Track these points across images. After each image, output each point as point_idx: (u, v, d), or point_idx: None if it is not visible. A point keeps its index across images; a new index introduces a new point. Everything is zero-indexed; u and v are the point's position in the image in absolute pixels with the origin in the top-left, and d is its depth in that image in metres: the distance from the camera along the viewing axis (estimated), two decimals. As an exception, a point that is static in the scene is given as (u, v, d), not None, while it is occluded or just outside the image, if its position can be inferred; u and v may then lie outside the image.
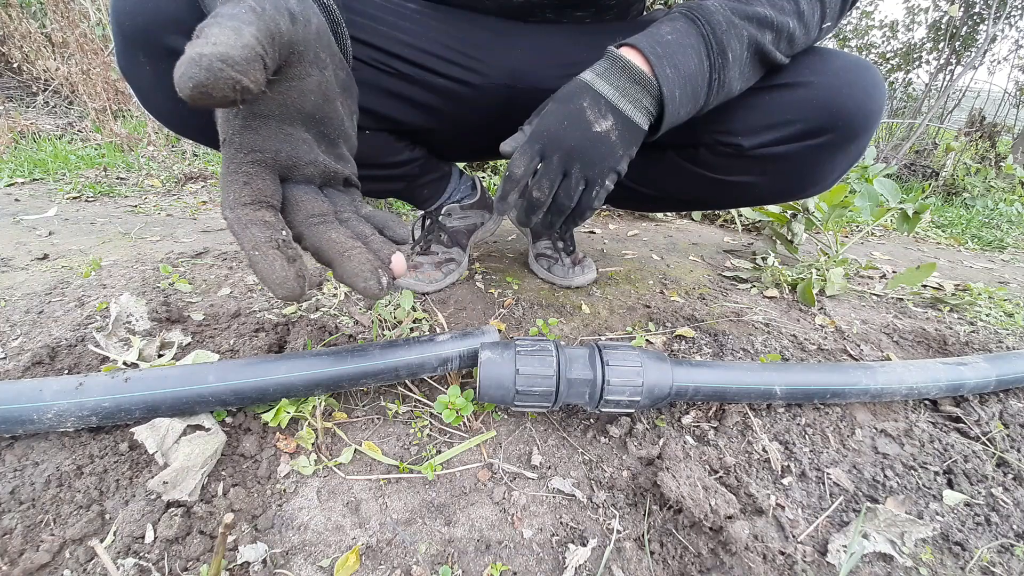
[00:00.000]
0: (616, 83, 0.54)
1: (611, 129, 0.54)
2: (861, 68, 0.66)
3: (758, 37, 0.57)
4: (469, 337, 0.66)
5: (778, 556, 0.51)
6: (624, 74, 0.54)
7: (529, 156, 0.55)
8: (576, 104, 0.54)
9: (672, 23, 0.56)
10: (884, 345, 0.93)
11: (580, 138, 0.53)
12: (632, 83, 0.54)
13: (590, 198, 0.56)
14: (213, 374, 0.56)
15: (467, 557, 0.51)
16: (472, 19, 0.74)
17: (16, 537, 0.47)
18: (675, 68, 0.54)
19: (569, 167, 0.54)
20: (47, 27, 2.54)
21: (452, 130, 0.82)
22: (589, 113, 0.53)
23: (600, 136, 0.53)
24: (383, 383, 0.63)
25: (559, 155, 0.54)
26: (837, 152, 0.69)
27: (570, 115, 0.54)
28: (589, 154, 0.54)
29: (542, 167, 0.55)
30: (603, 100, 0.54)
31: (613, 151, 0.54)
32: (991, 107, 4.06)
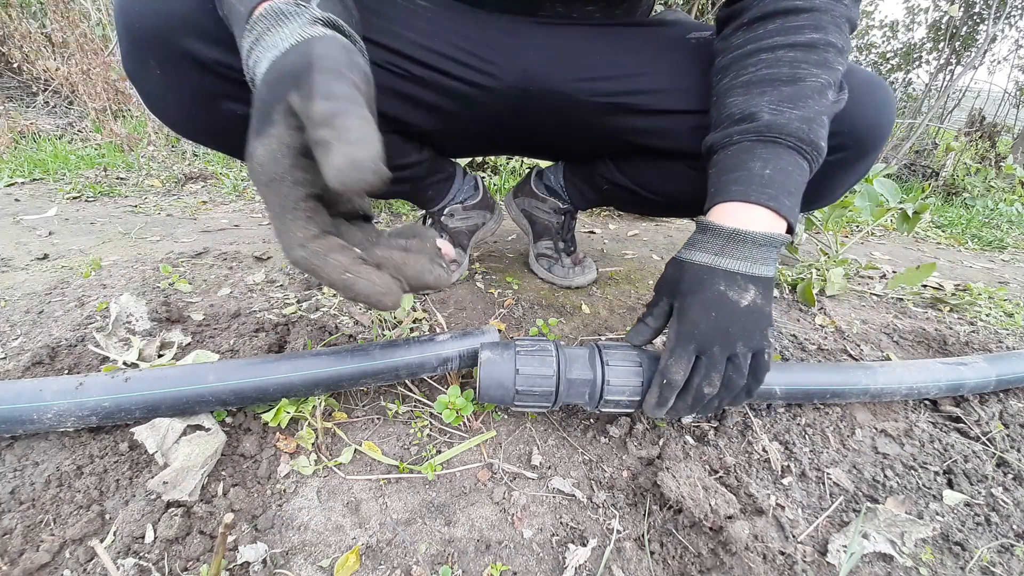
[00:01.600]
0: (743, 254, 0.53)
1: (756, 296, 0.53)
2: (876, 87, 0.65)
3: (828, 106, 0.56)
4: (469, 337, 0.66)
5: (778, 556, 0.51)
6: (749, 243, 0.53)
7: (685, 359, 0.53)
8: (711, 292, 0.53)
9: (754, 157, 0.55)
10: (884, 345, 0.93)
11: (733, 321, 0.52)
12: (758, 247, 0.53)
13: (764, 362, 0.53)
14: (213, 374, 0.56)
15: (467, 557, 0.51)
16: (484, 18, 0.74)
17: (16, 537, 0.47)
18: (791, 196, 0.54)
19: (733, 349, 0.52)
20: (47, 27, 2.54)
21: (462, 130, 0.81)
22: (731, 295, 0.52)
23: (750, 308, 0.52)
24: (383, 383, 0.63)
25: (718, 346, 0.52)
26: (846, 169, 0.70)
27: (712, 304, 0.52)
28: (747, 330, 0.52)
29: (705, 362, 0.52)
30: (738, 276, 0.53)
31: (765, 313, 0.53)
32: (991, 107, 4.06)
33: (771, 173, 0.53)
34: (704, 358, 0.52)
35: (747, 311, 0.52)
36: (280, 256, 1.12)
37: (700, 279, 0.54)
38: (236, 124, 0.63)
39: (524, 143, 0.93)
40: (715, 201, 0.56)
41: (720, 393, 0.53)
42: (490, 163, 1.94)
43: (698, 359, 0.53)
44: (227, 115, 0.63)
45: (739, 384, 0.53)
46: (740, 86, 0.58)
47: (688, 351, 0.53)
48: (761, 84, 0.56)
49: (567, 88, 0.73)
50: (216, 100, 0.62)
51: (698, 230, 0.57)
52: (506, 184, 1.87)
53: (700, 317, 0.53)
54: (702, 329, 0.52)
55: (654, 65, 0.72)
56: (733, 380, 0.52)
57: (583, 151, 0.94)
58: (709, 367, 0.52)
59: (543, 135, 0.85)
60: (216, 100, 0.62)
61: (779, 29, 0.57)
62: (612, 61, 0.73)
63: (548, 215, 1.10)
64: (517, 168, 1.96)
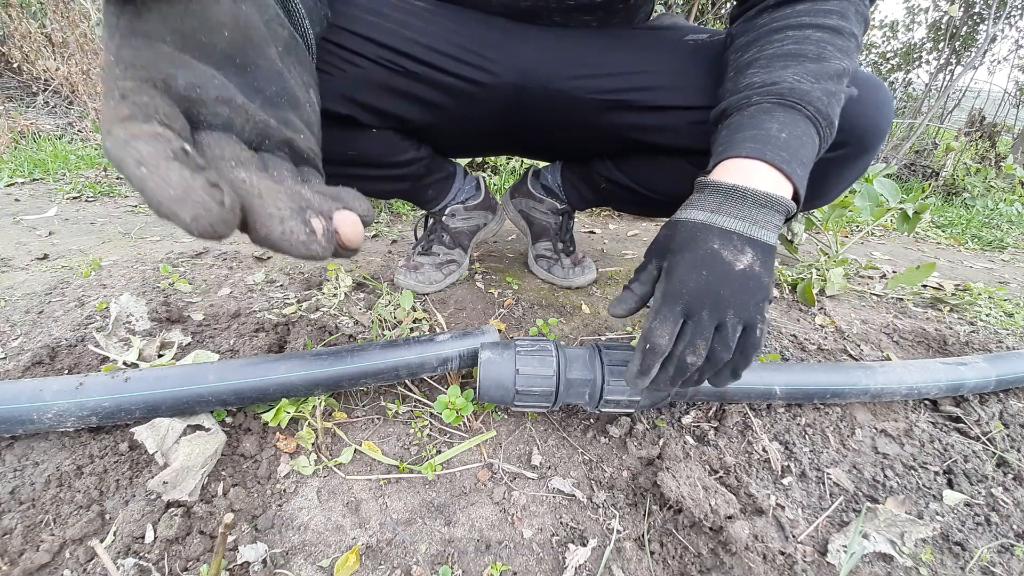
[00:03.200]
0: (742, 214, 0.49)
1: (753, 262, 0.48)
2: (875, 86, 0.65)
3: (844, 91, 0.55)
4: (469, 337, 0.66)
5: (778, 556, 0.51)
6: (749, 201, 0.49)
7: (671, 321, 0.48)
8: (704, 250, 0.48)
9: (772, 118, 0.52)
10: (884, 345, 0.93)
11: (725, 284, 0.47)
12: (760, 207, 0.49)
13: (755, 339, 0.49)
14: (213, 374, 0.56)
15: (467, 557, 0.51)
16: (482, 19, 0.74)
17: (16, 537, 0.47)
18: (803, 166, 0.51)
19: (722, 317, 0.48)
20: (47, 27, 2.54)
21: (460, 128, 0.81)
22: (726, 254, 0.48)
23: (745, 273, 0.48)
24: (383, 383, 0.63)
25: (707, 310, 0.47)
26: (844, 167, 0.70)
27: (703, 263, 0.48)
28: (740, 296, 0.48)
29: (691, 328, 0.48)
30: (735, 235, 0.49)
31: (761, 282, 0.48)
32: (991, 107, 4.06)
33: (787, 137, 0.50)
34: (690, 323, 0.48)
35: (742, 276, 0.48)
36: (280, 256, 1.12)
37: (693, 236, 0.50)
38: None
39: (523, 142, 0.93)
40: (721, 158, 0.52)
41: (703, 366, 0.49)
42: (490, 163, 1.94)
43: (684, 324, 0.48)
44: None
45: (723, 358, 0.49)
46: (764, 59, 0.56)
47: (675, 312, 0.48)
48: (786, 58, 0.54)
49: (565, 85, 0.73)
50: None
51: (696, 189, 0.53)
52: (506, 184, 1.87)
53: (689, 276, 0.48)
54: (690, 289, 0.48)
55: (652, 63, 0.72)
56: (718, 352, 0.48)
57: (582, 150, 0.93)
58: (695, 333, 0.47)
59: (542, 133, 0.85)
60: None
61: (808, 11, 0.56)
62: (610, 59, 0.73)
63: (546, 216, 1.10)
64: (517, 168, 1.96)
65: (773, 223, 0.50)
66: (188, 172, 0.26)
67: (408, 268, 0.98)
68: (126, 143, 0.26)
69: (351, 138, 0.77)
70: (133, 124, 0.27)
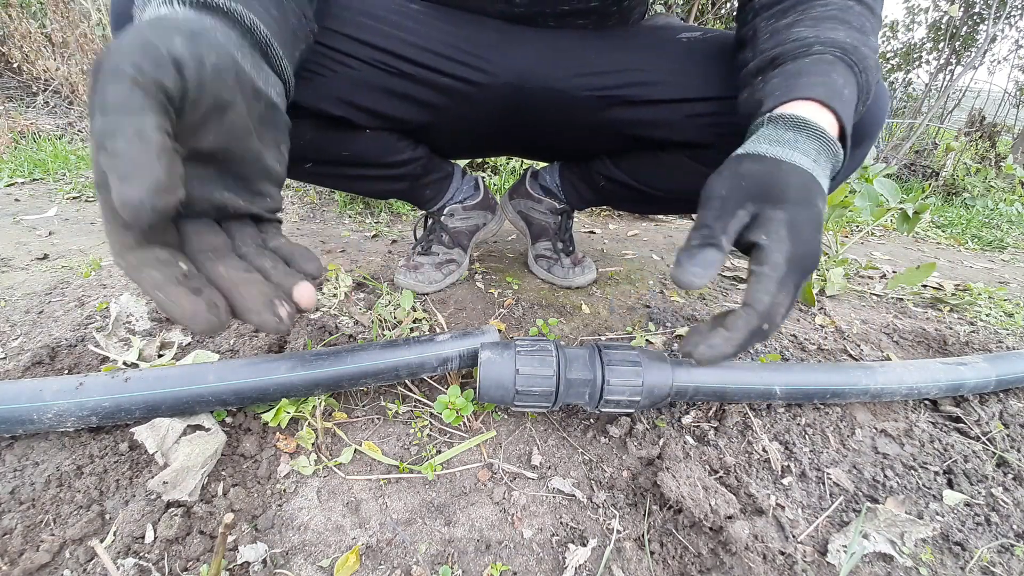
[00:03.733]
0: (829, 168, 0.46)
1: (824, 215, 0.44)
2: None
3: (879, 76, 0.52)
4: (469, 337, 0.66)
5: (778, 556, 0.51)
6: (833, 159, 0.46)
7: (792, 294, 0.41)
8: (818, 206, 0.43)
9: (836, 70, 0.48)
10: (884, 345, 0.93)
11: (817, 242, 0.42)
12: (831, 157, 0.46)
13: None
14: (213, 374, 0.56)
15: (467, 557, 0.51)
16: (477, 20, 0.74)
17: (16, 537, 0.47)
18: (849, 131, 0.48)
19: (807, 272, 0.42)
20: (47, 27, 2.54)
21: (456, 129, 0.81)
22: (820, 204, 0.43)
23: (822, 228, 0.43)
24: (383, 383, 0.63)
25: (807, 274, 0.42)
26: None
27: (818, 223, 0.42)
28: (818, 253, 0.42)
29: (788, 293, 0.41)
30: (824, 193, 0.44)
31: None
32: (991, 107, 4.06)
33: (849, 95, 0.47)
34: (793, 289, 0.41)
35: (821, 234, 0.43)
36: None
37: (808, 188, 0.43)
38: None
39: (521, 142, 0.93)
40: (798, 95, 0.47)
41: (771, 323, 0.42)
42: (490, 163, 1.94)
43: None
44: None
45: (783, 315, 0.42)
46: (809, 20, 0.52)
47: (797, 282, 0.41)
48: (833, 21, 0.51)
49: (561, 84, 0.73)
50: None
51: (786, 124, 0.46)
52: (506, 184, 1.87)
53: (814, 240, 0.41)
54: (813, 253, 0.41)
55: (647, 59, 0.73)
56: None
57: (580, 149, 0.94)
58: (786, 303, 0.41)
59: (540, 133, 0.85)
60: None
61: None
62: (605, 57, 0.74)
63: (545, 216, 1.10)
64: (517, 168, 1.96)
65: (828, 176, 0.46)
66: (192, 296, 0.34)
67: (408, 268, 0.98)
68: (139, 269, 0.33)
69: (347, 139, 0.77)
70: (140, 251, 0.34)
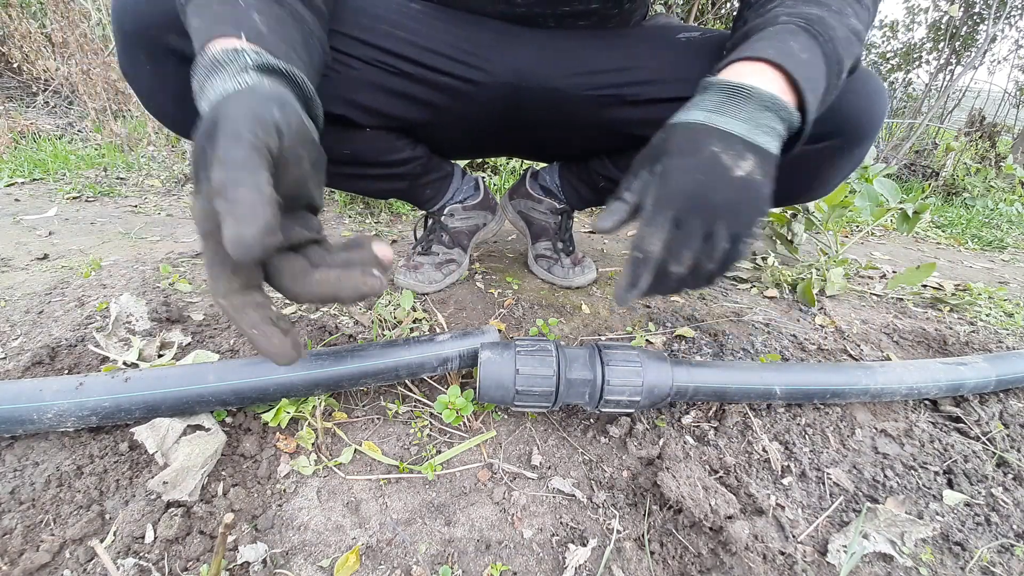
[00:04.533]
0: (746, 115, 0.46)
1: (753, 170, 0.45)
2: (864, 75, 0.66)
3: (857, 53, 0.52)
4: (469, 337, 0.66)
5: (778, 556, 0.51)
6: (754, 102, 0.46)
7: (661, 228, 0.45)
8: (705, 151, 0.45)
9: (795, 38, 0.49)
10: (884, 345, 0.93)
11: (720, 190, 0.44)
12: (764, 110, 0.46)
13: (737, 253, 0.46)
14: (213, 374, 0.56)
15: (467, 557, 0.51)
16: (476, 20, 0.74)
17: (16, 537, 0.47)
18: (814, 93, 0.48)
19: (712, 227, 0.45)
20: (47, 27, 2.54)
21: (455, 128, 0.82)
22: (725, 158, 0.44)
23: (744, 181, 0.44)
24: (383, 383, 0.63)
25: (699, 219, 0.44)
26: (840, 157, 0.70)
27: (701, 166, 0.44)
28: (734, 206, 0.45)
29: (679, 236, 0.45)
30: (735, 139, 0.45)
31: (760, 193, 0.45)
32: (991, 107, 4.06)
33: (808, 58, 0.48)
34: (680, 231, 0.45)
35: (741, 184, 0.44)
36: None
37: (691, 138, 0.46)
38: None
39: (520, 142, 0.93)
40: (731, 59, 0.49)
41: (685, 278, 0.47)
42: (490, 163, 1.94)
43: (678, 232, 0.45)
44: None
45: (708, 270, 0.46)
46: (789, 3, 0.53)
47: (667, 219, 0.45)
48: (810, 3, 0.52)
49: (560, 84, 0.73)
50: None
51: (698, 91, 0.49)
52: (506, 184, 1.87)
53: (685, 180, 0.45)
54: (686, 194, 0.44)
55: (645, 59, 0.73)
56: (702, 263, 0.46)
57: (579, 148, 0.94)
58: (682, 242, 0.45)
59: (538, 132, 0.85)
60: None
61: None
62: (604, 56, 0.74)
63: (545, 216, 1.10)
64: (517, 168, 1.96)
65: (776, 129, 0.46)
66: (282, 335, 0.42)
67: (408, 268, 0.98)
68: (241, 310, 0.41)
69: (346, 137, 0.77)
70: (243, 295, 0.41)
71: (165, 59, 0.59)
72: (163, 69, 0.60)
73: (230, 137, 0.36)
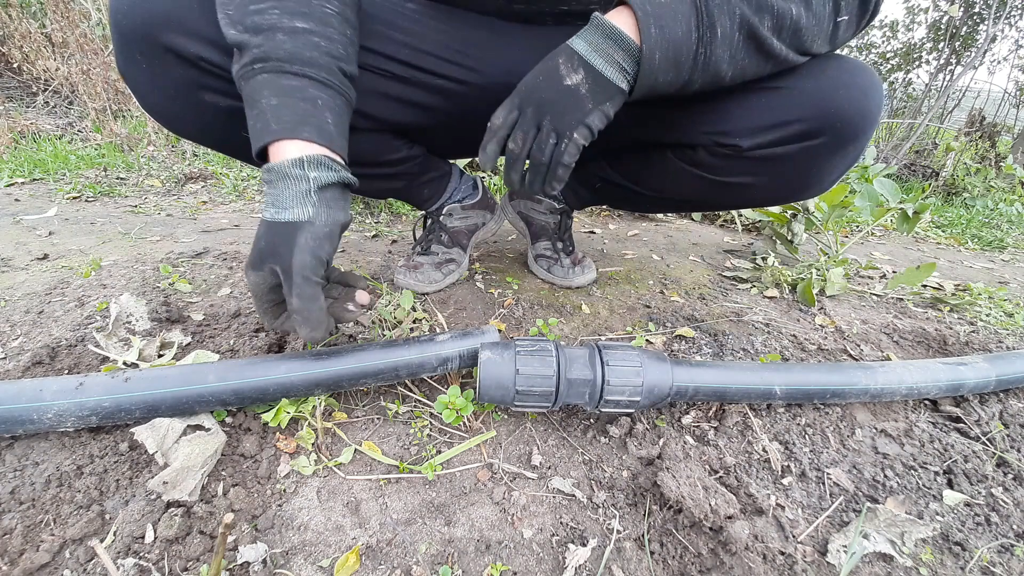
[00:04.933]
0: (591, 40, 0.54)
1: (581, 83, 0.54)
2: (858, 70, 0.65)
3: (752, 19, 0.54)
4: (469, 337, 0.66)
5: (778, 556, 0.51)
6: (599, 31, 0.54)
7: (508, 109, 0.58)
8: (552, 61, 0.56)
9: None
10: (884, 345, 0.93)
11: (551, 91, 0.55)
12: (606, 39, 0.54)
13: (560, 152, 0.57)
14: (213, 374, 0.56)
15: (467, 557, 0.51)
16: (471, 19, 0.74)
17: (16, 537, 0.47)
18: (660, 30, 0.52)
19: (540, 120, 0.56)
20: (47, 27, 2.54)
21: (450, 128, 0.82)
22: (562, 68, 0.55)
23: (570, 89, 0.55)
24: (383, 383, 0.63)
25: (532, 108, 0.56)
26: (835, 154, 0.69)
27: (545, 71, 0.56)
28: (558, 107, 0.55)
29: (519, 120, 0.57)
30: (576, 56, 0.55)
31: (581, 104, 0.55)
32: (991, 107, 4.05)
33: (668, 2, 0.53)
34: (520, 117, 0.57)
35: (566, 90, 0.55)
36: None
37: (553, 52, 0.57)
38: (219, 117, 0.66)
39: None
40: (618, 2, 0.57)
41: (532, 160, 0.58)
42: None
43: (518, 117, 0.57)
44: (210, 107, 0.65)
45: (538, 159, 0.58)
46: None
47: (513, 103, 0.57)
48: None
49: None
50: (198, 92, 0.64)
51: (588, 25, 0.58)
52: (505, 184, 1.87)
53: (531, 78, 0.57)
54: (528, 88, 0.57)
55: None
56: (533, 151, 0.57)
57: None
58: (518, 126, 0.57)
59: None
60: (198, 92, 0.64)
61: None
62: None
63: (544, 216, 1.10)
64: (517, 168, 1.96)
65: (615, 59, 0.54)
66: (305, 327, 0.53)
67: (408, 268, 0.98)
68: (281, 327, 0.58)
69: None
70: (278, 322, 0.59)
71: (161, 57, 0.59)
72: (159, 67, 0.61)
73: (301, 278, 0.51)
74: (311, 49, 0.53)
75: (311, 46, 0.53)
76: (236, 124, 0.67)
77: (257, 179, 1.87)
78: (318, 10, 0.54)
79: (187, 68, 0.61)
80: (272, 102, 0.52)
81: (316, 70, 0.53)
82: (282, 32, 0.52)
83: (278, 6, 0.52)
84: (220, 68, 0.61)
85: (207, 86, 0.63)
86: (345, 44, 0.57)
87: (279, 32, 0.52)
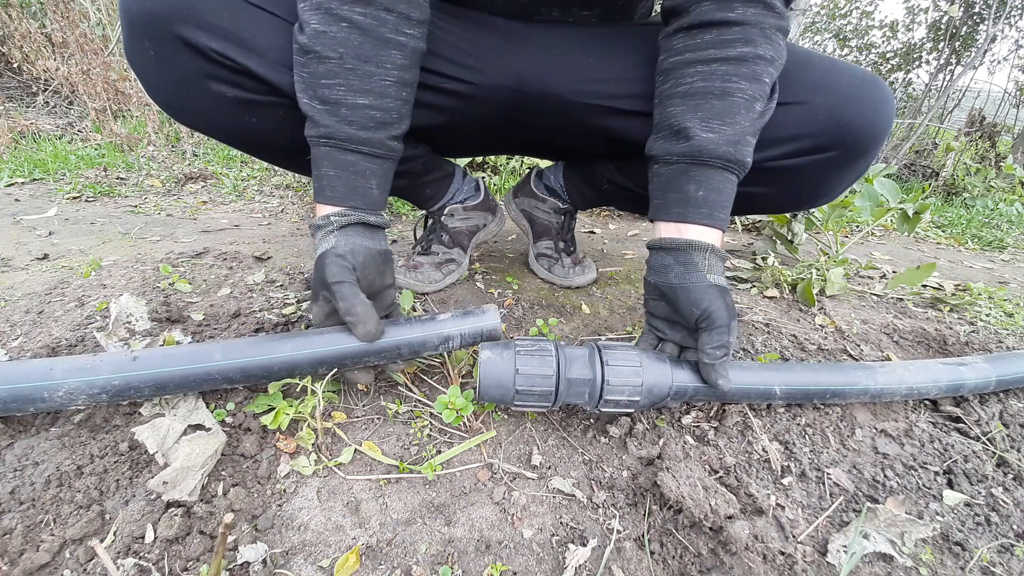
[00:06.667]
0: (722, 269, 0.64)
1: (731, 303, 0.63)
2: (869, 84, 0.65)
3: (755, 120, 0.61)
4: (470, 316, 0.65)
5: (778, 556, 0.51)
6: (720, 262, 0.63)
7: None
8: (727, 298, 0.62)
9: (688, 175, 0.62)
10: (884, 345, 0.93)
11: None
12: (719, 260, 0.63)
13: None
14: (219, 352, 0.57)
15: (467, 557, 0.51)
16: (479, 21, 0.74)
17: (16, 537, 0.47)
18: (723, 209, 0.63)
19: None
20: (47, 27, 2.54)
21: (456, 129, 0.81)
22: (728, 295, 0.62)
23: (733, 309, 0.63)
24: (385, 361, 0.63)
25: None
26: (845, 166, 0.70)
27: (730, 306, 0.62)
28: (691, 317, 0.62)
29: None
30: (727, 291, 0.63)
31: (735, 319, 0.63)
32: (991, 107, 4.05)
33: (704, 195, 0.62)
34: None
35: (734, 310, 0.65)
36: (280, 256, 1.12)
37: (716, 293, 0.63)
38: (224, 105, 0.66)
39: (523, 142, 0.93)
40: (661, 217, 0.66)
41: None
42: (490, 163, 1.94)
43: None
44: (215, 96, 0.65)
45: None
46: (679, 96, 0.63)
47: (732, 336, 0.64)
48: (696, 97, 0.61)
49: (560, 90, 0.73)
50: (205, 81, 0.64)
51: (667, 249, 0.64)
52: (506, 184, 1.87)
53: (731, 315, 0.64)
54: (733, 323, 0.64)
55: (643, 70, 0.72)
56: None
57: (581, 150, 0.94)
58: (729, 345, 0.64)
59: (540, 135, 0.85)
60: (205, 81, 0.64)
61: (714, 41, 0.60)
62: (607, 65, 0.74)
63: (548, 215, 1.10)
64: (517, 168, 1.96)
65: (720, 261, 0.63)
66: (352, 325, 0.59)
67: (408, 268, 0.98)
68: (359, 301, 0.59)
69: None
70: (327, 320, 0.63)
71: (170, 45, 0.60)
72: (166, 53, 0.61)
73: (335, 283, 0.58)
74: (367, 123, 0.61)
75: (368, 120, 0.60)
76: (240, 114, 0.67)
77: (257, 179, 1.88)
78: (378, 84, 0.60)
79: (196, 57, 0.61)
80: (330, 172, 0.62)
81: (370, 147, 0.62)
82: (345, 107, 0.59)
83: (344, 84, 0.59)
84: (230, 60, 0.61)
85: (215, 76, 0.63)
86: (399, 107, 0.64)
87: (343, 107, 0.59)
